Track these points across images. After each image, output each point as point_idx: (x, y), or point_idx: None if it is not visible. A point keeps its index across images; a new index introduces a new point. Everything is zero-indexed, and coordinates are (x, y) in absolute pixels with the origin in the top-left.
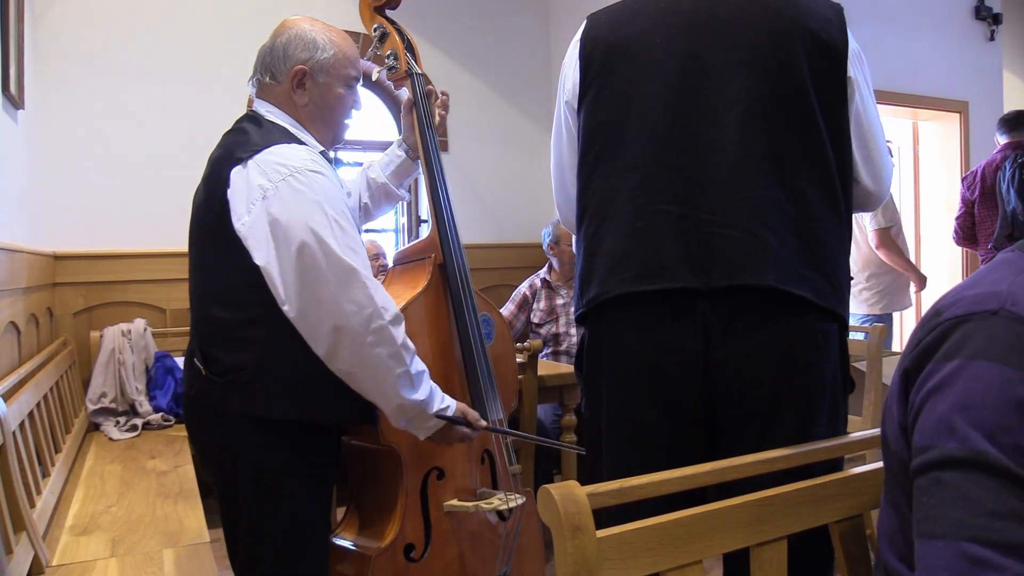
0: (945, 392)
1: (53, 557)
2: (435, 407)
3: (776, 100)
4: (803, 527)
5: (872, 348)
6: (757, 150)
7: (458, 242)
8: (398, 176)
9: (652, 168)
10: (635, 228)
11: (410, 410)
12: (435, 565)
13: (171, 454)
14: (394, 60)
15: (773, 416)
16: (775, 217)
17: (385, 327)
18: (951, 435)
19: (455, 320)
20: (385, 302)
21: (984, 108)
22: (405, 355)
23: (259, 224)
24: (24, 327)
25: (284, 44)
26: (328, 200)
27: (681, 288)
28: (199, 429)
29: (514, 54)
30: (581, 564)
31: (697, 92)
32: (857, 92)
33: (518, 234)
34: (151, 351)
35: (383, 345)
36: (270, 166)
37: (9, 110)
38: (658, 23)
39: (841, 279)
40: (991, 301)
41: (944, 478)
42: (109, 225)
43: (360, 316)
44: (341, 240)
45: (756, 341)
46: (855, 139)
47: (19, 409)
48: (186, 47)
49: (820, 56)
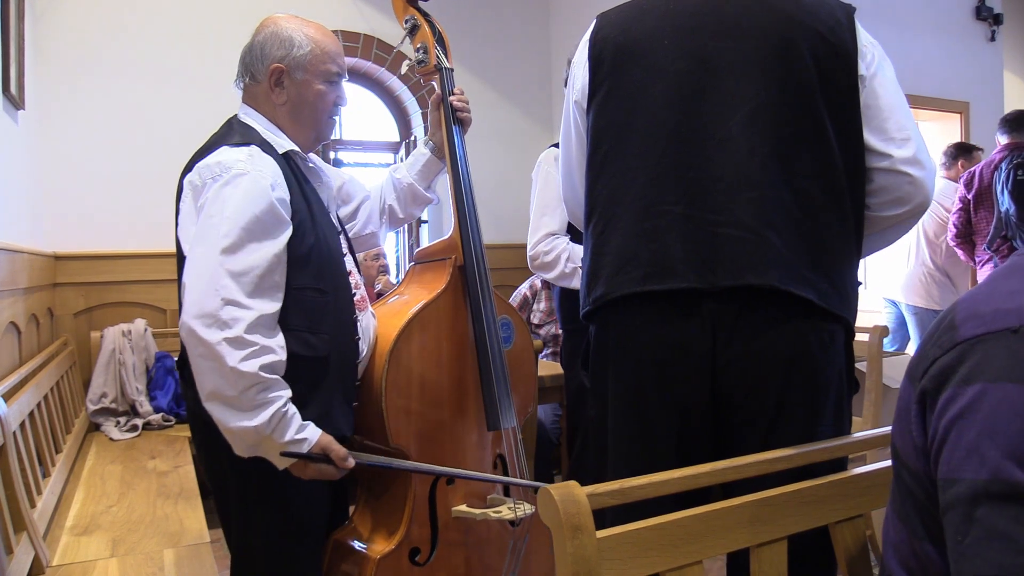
0: (970, 419)
1: (54, 557)
2: (285, 438)
3: (783, 101)
4: (803, 527)
5: (872, 349)
6: (763, 149)
7: (480, 243)
8: (424, 176)
9: (659, 168)
10: (642, 228)
11: (245, 437)
12: (439, 570)
13: (171, 454)
14: (423, 54)
15: (779, 418)
16: (780, 217)
17: (219, 343)
18: (981, 465)
19: (473, 323)
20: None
21: (985, 108)
22: (234, 379)
23: (186, 221)
24: (25, 327)
25: (261, 43)
26: (238, 210)
27: (687, 288)
28: (194, 431)
29: (514, 54)
30: (581, 564)
31: (704, 92)
32: (867, 87)
33: (517, 234)
34: (151, 351)
35: (210, 359)
36: (205, 168)
37: (10, 111)
38: (666, 23)
39: (846, 283)
40: (1011, 318)
41: (977, 515)
42: (109, 225)
43: (201, 322)
44: (227, 250)
45: (763, 342)
46: (869, 126)
47: (20, 409)
48: (186, 47)
49: (828, 58)
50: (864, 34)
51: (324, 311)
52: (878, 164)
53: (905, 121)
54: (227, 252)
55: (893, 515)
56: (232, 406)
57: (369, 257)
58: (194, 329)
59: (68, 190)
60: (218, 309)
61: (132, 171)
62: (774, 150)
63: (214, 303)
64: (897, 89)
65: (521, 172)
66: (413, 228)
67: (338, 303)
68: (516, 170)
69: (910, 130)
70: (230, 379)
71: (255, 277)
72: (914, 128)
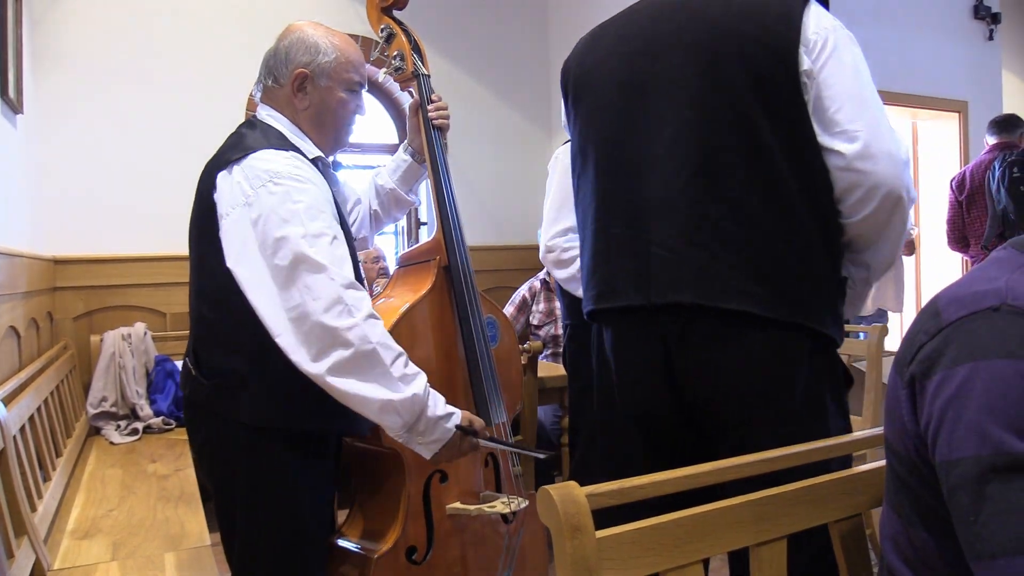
0: (965, 398)
1: (55, 561)
2: (437, 411)
3: (711, 114)
4: (803, 527)
5: (872, 349)
6: (688, 168)
7: (463, 244)
8: (406, 181)
9: (606, 193)
10: (596, 250)
11: (401, 411)
12: (437, 567)
13: (172, 458)
14: (400, 61)
15: (747, 429)
16: (706, 234)
17: (359, 324)
18: (983, 442)
19: (459, 323)
20: (358, 303)
21: (983, 108)
22: (383, 353)
23: (235, 229)
24: (24, 331)
25: (287, 48)
26: (306, 209)
27: (634, 306)
28: (196, 430)
29: (513, 55)
30: (581, 564)
31: (636, 118)
32: (815, 80)
33: (516, 236)
34: (151, 355)
35: (356, 344)
36: (252, 171)
37: (8, 114)
38: (611, 51)
39: (803, 289)
40: (991, 298)
41: (988, 492)
42: (108, 229)
43: (332, 313)
44: (319, 248)
45: (713, 353)
46: (820, 122)
47: (19, 414)
48: (185, 51)
49: (764, 60)
50: (817, 22)
51: None
52: (836, 163)
53: (858, 110)
54: (321, 247)
55: (888, 508)
56: (389, 379)
57: (369, 260)
58: (326, 323)
59: (67, 194)
60: (342, 294)
61: (131, 174)
62: (700, 166)
63: (335, 292)
64: (855, 75)
65: (519, 174)
66: (412, 231)
67: None
68: (514, 172)
69: (863, 120)
70: (382, 352)
71: (350, 267)
72: (871, 115)
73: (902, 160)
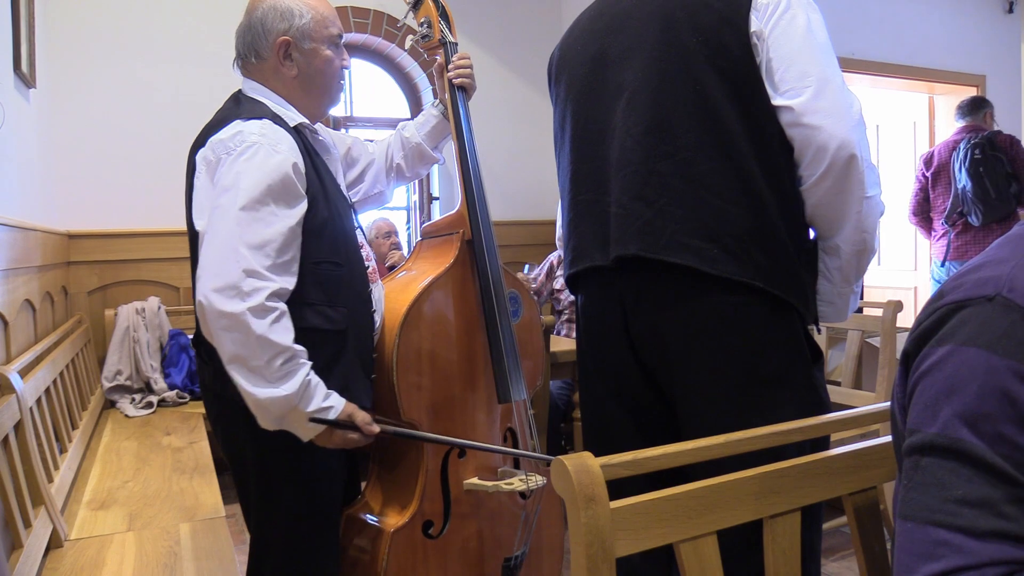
0: (934, 376)
1: (71, 531)
2: (311, 407)
3: (662, 78)
4: (816, 499)
5: (886, 324)
6: (638, 128)
7: (487, 218)
8: (433, 137)
9: (576, 165)
10: (569, 219)
11: (271, 408)
12: (453, 542)
13: (186, 431)
14: (428, 28)
15: (700, 389)
16: (653, 190)
17: (242, 313)
18: (933, 420)
19: (482, 297)
20: (261, 288)
21: (1002, 82)
22: (261, 348)
23: (200, 196)
24: (39, 305)
25: (260, 19)
26: (254, 182)
27: (598, 267)
28: (209, 406)
29: (525, 29)
30: (594, 535)
31: (600, 88)
32: (766, 42)
33: (530, 211)
34: (165, 329)
35: (234, 330)
36: (219, 143)
37: (21, 89)
38: (585, 30)
39: (754, 251)
40: (989, 286)
41: (922, 463)
42: (122, 204)
43: (222, 295)
44: (245, 222)
45: (665, 315)
46: (771, 82)
47: (36, 386)
48: (198, 25)
49: (715, 26)
50: None
51: (340, 284)
52: (786, 120)
53: (809, 67)
54: (245, 224)
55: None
56: (260, 376)
57: (381, 235)
58: (213, 302)
59: (81, 168)
60: (239, 280)
61: (144, 149)
62: (649, 126)
63: (234, 274)
64: (807, 36)
65: (532, 149)
66: (424, 205)
67: (353, 276)
68: (527, 147)
69: (813, 75)
70: (256, 348)
71: (273, 251)
72: (821, 72)
73: (853, 117)
